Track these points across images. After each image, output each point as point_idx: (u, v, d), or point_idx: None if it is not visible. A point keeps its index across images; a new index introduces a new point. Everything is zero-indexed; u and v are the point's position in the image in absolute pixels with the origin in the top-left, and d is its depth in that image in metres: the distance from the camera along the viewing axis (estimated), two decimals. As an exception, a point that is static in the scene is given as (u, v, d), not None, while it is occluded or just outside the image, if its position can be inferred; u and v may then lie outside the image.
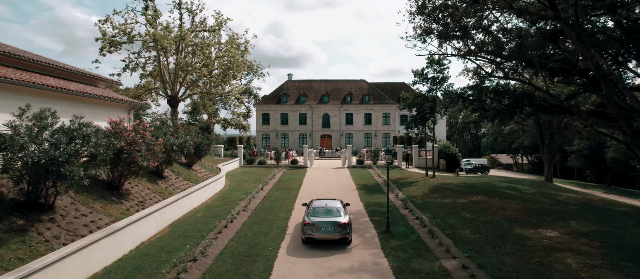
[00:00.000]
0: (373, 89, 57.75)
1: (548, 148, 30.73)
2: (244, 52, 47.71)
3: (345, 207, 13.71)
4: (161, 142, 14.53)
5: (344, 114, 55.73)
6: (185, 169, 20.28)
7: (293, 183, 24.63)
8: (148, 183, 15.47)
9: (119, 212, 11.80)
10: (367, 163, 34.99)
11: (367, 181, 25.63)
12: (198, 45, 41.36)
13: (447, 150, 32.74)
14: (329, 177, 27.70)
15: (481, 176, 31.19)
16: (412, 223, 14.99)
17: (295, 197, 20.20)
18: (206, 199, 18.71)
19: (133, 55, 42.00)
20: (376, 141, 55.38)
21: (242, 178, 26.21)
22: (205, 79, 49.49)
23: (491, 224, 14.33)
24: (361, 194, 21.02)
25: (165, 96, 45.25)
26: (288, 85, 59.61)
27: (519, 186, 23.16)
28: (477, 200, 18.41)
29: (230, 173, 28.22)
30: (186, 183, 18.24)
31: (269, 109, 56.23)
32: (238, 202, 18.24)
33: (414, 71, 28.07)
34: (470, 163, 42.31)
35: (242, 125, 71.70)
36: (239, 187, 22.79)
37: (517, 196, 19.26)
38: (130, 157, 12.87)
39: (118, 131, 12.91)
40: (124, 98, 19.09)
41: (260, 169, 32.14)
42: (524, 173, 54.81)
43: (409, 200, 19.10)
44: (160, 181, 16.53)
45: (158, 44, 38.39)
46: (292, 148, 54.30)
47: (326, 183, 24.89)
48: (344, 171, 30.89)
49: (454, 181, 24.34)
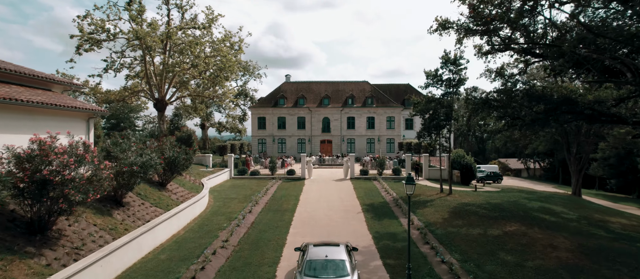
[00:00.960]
0: (376, 90, 54.30)
1: (576, 158, 27.25)
2: (237, 52, 44.25)
3: (351, 255, 10.23)
4: (109, 165, 11.07)
5: (345, 118, 52.27)
6: (155, 191, 16.81)
7: (288, 202, 21.14)
8: (97, 216, 11.98)
9: (33, 272, 8.31)
10: (371, 174, 31.53)
11: (374, 199, 22.14)
12: (186, 44, 37.92)
13: (461, 160, 29.27)
14: (330, 193, 24.22)
15: (499, 189, 27.72)
16: (438, 271, 11.50)
17: (289, 224, 16.73)
18: (179, 229, 15.23)
19: (116, 54, 38.54)
20: (380, 146, 51.91)
21: (229, 195, 22.73)
22: (195, 80, 46.11)
23: (546, 277, 10.83)
24: (368, 220, 17.52)
25: (151, 99, 41.85)
26: (286, 86, 56.16)
27: (553, 207, 19.69)
28: (513, 231, 14.93)
29: (216, 188, 24.73)
30: (154, 210, 14.77)
31: (265, 112, 52.75)
32: (218, 233, 14.78)
33: (426, 72, 24.65)
34: (481, 171, 38.95)
35: (237, 128, 68.32)
36: (224, 208, 19.31)
37: (560, 225, 15.78)
38: (60, 190, 9.40)
39: (43, 152, 9.44)
40: (81, 104, 15.63)
41: (252, 181, 28.67)
42: (537, 182, 51.36)
43: (428, 229, 15.64)
44: (117, 211, 13.06)
45: (142, 42, 34.94)
46: (289, 155, 50.84)
47: (326, 202, 21.41)
48: (346, 185, 27.41)
49: (475, 200, 20.88)
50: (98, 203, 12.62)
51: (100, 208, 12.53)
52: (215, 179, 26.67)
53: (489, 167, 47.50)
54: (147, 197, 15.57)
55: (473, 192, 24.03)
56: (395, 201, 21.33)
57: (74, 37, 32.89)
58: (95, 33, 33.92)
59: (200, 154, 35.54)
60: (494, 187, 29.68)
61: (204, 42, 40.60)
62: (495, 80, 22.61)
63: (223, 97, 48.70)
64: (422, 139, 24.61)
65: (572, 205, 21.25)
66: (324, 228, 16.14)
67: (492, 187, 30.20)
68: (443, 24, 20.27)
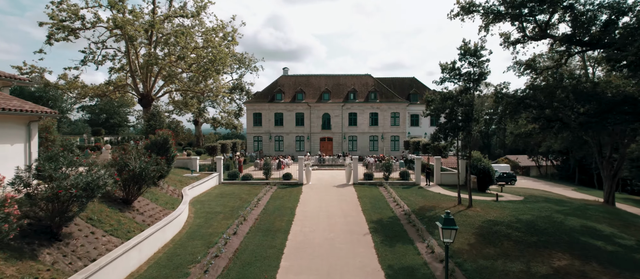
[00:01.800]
0: (379, 85, 50.91)
1: (609, 162, 24.01)
2: (230, 42, 40.75)
3: None
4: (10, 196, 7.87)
5: (347, 114, 48.97)
6: (115, 212, 13.59)
7: (281, 218, 17.98)
8: (11, 263, 8.73)
9: None
10: (376, 177, 28.37)
11: (382, 213, 18.97)
12: (172, 34, 34.45)
13: (478, 164, 26.04)
14: (331, 203, 21.05)
15: (522, 197, 24.54)
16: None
17: (281, 252, 13.56)
18: (140, 264, 12.06)
19: (95, 45, 35.11)
20: (384, 144, 48.69)
21: (214, 208, 19.56)
22: (185, 74, 42.68)
23: None
24: (378, 245, 14.33)
25: (136, 94, 38.49)
26: (283, 80, 52.75)
27: (597, 226, 16.53)
28: (564, 267, 11.77)
29: (201, 199, 21.57)
30: (107, 241, 11.58)
31: (261, 107, 49.41)
32: (189, 270, 11.63)
33: (442, 65, 21.33)
34: (495, 172, 35.87)
35: (233, 124, 65.01)
36: (205, 227, 16.15)
37: (622, 257, 12.63)
38: None
39: None
40: (18, 105, 12.35)
41: (243, 188, 25.50)
42: (552, 182, 48.23)
43: (454, 261, 12.48)
44: (49, 250, 9.85)
45: (124, 32, 31.51)
46: (287, 154, 47.66)
47: (327, 217, 18.24)
48: (349, 192, 24.23)
49: (501, 215, 17.75)
50: (20, 241, 9.42)
51: (21, 249, 9.32)
52: (200, 187, 23.50)
53: (501, 167, 44.38)
54: (100, 223, 12.36)
55: (495, 204, 20.87)
56: (407, 216, 18.17)
57: (44, 25, 29.45)
58: (68, 20, 30.47)
59: (184, 155, 32.31)
60: (514, 193, 26.53)
61: (193, 31, 37.08)
62: (524, 74, 19.24)
63: (215, 91, 45.29)
64: (437, 142, 21.36)
65: (616, 221, 18.08)
66: (324, 259, 12.99)
67: (511, 192, 27.04)
68: (467, 7, 16.97)
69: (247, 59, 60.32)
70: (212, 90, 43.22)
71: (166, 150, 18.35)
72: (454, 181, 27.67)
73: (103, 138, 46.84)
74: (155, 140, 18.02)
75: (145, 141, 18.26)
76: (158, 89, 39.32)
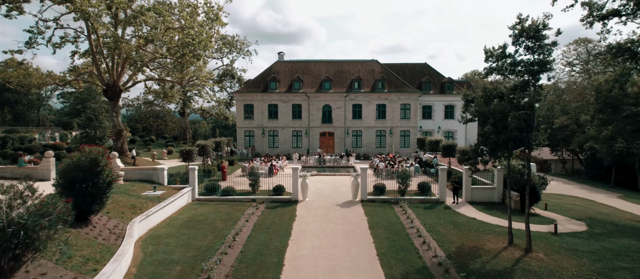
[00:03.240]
0: (388, 72, 44.82)
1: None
2: (214, 22, 34.42)
3: None
4: None
5: (351, 106, 43.06)
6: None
7: (266, 269, 12.41)
8: None
9: None
10: (389, 191, 22.84)
11: (407, 264, 13.33)
12: (137, 12, 28.23)
13: (520, 177, 20.39)
14: (334, 242, 15.45)
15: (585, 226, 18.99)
16: None
17: None
18: None
19: (43, 23, 28.96)
20: (392, 140, 42.97)
21: (171, 252, 13.96)
22: (159, 61, 36.56)
23: None
24: None
25: (101, 84, 32.54)
26: (278, 67, 46.63)
27: None
28: None
29: (158, 233, 15.97)
30: None
31: (252, 98, 43.45)
32: None
33: (486, 50, 15.62)
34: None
35: (224, 115, 59.16)
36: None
37: None
38: None
39: None
40: None
41: (221, 208, 19.98)
42: (586, 185, 42.60)
43: None
44: None
45: (75, 5, 25.37)
46: (282, 152, 42.04)
47: (330, 271, 12.69)
48: (357, 218, 18.65)
49: (578, 268, 12.23)
50: None
51: None
52: (162, 212, 17.91)
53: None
54: None
55: (558, 240, 15.33)
56: (444, 269, 12.61)
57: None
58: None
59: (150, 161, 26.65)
60: (562, 211, 21.03)
61: (166, 8, 30.73)
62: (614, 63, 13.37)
63: (198, 80, 39.29)
64: (479, 162, 15.56)
65: None
66: None
67: (557, 210, 21.54)
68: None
69: (239, 42, 53.98)
70: (193, 78, 37.08)
71: (96, 175, 12.65)
72: (488, 197, 22.15)
73: (71, 133, 40.92)
74: (78, 162, 12.29)
75: (62, 162, 12.54)
76: (128, 79, 33.35)
